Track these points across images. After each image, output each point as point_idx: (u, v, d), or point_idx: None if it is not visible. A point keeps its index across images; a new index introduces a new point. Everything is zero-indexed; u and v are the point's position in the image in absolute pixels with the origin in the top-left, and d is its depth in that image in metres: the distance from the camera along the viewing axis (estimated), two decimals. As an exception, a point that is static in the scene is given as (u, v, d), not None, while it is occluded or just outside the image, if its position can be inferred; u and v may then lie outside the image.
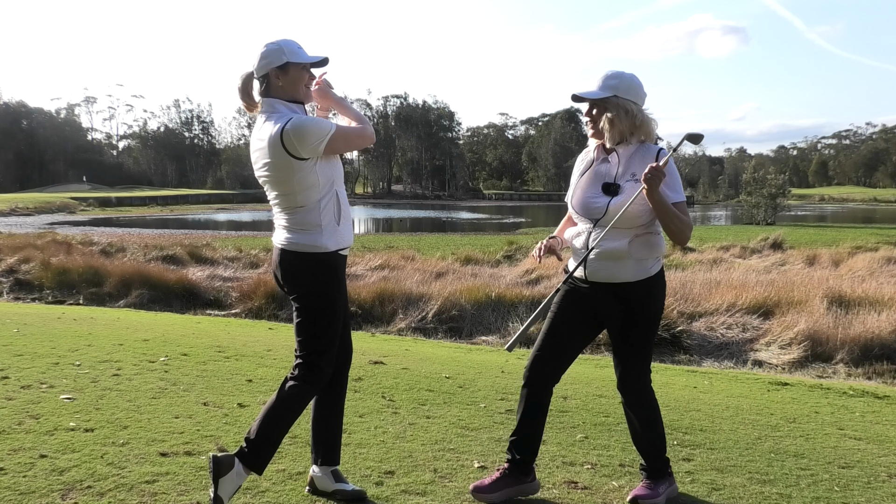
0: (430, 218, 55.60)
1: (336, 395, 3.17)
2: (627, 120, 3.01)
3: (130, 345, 6.40)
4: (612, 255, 3.02)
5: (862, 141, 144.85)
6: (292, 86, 2.96)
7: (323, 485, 3.12)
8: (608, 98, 3.01)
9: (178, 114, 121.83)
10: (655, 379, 6.07)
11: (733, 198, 77.44)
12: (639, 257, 3.02)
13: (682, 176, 16.98)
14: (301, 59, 2.94)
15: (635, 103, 3.02)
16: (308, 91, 3.03)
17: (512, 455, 3.18)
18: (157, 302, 12.58)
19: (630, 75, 3.06)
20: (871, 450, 4.10)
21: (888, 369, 8.14)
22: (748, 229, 34.69)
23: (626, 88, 3.01)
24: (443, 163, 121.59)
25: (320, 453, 3.14)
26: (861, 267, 15.66)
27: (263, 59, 2.93)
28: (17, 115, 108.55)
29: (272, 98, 2.97)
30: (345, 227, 3.00)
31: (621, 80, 3.02)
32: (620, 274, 3.03)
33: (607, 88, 3.02)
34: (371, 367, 5.79)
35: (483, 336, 10.18)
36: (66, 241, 19.81)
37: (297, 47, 2.95)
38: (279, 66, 2.92)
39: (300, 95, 2.99)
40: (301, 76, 2.96)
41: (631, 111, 3.00)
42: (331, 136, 2.87)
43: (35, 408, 4.21)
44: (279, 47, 2.91)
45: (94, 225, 40.32)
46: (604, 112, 3.03)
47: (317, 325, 2.95)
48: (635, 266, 3.03)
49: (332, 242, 2.96)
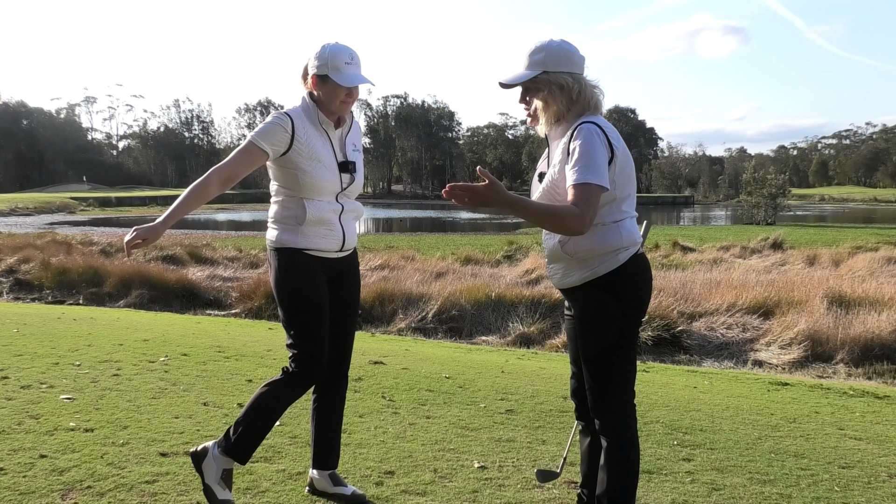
0: (430, 218, 55.58)
1: (331, 398, 3.15)
2: (563, 96, 2.54)
3: (130, 345, 6.40)
4: (552, 257, 2.65)
5: (862, 141, 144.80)
6: (327, 97, 2.92)
7: (322, 486, 3.13)
8: (537, 77, 2.55)
9: (177, 114, 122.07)
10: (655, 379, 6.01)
11: (733, 198, 77.43)
12: (581, 256, 2.55)
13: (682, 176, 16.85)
14: (340, 81, 2.86)
15: (570, 74, 2.55)
16: (344, 105, 2.94)
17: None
18: (157, 302, 12.58)
19: (558, 42, 2.58)
20: (871, 450, 4.10)
21: (888, 369, 8.13)
22: (748, 229, 34.68)
23: (554, 60, 2.54)
24: (443, 163, 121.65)
25: (317, 456, 3.14)
26: (861, 267, 15.65)
27: (312, 61, 2.91)
28: (17, 115, 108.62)
29: (306, 94, 2.97)
30: (313, 231, 2.93)
31: (548, 52, 2.55)
32: (565, 278, 2.62)
33: (534, 66, 2.56)
34: (371, 367, 5.79)
35: (483, 336, 10.18)
36: (66, 241, 19.82)
37: (345, 63, 2.87)
38: (319, 76, 2.89)
39: (334, 108, 2.94)
40: (337, 93, 2.89)
41: (566, 85, 2.53)
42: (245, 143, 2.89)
43: (35, 408, 4.21)
44: (325, 58, 2.87)
45: (94, 225, 40.32)
46: (535, 93, 2.59)
47: (285, 318, 2.98)
48: (579, 266, 2.57)
49: (291, 240, 2.92)
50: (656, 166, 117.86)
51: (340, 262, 3.08)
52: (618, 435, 2.57)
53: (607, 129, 2.50)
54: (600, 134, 2.46)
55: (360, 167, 3.11)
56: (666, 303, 9.78)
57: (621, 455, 2.57)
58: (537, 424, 4.34)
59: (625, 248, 2.55)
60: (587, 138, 2.43)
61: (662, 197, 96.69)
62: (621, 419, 2.59)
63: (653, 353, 8.81)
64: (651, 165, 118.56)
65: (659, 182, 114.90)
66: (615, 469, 2.57)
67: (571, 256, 2.55)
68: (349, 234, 3.06)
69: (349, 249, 3.10)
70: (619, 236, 2.53)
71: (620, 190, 2.53)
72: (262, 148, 2.86)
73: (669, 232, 31.60)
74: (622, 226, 2.55)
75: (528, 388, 5.35)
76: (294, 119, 2.90)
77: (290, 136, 2.87)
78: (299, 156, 2.88)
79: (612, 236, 2.52)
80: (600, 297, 2.54)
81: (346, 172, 3.00)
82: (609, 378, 2.57)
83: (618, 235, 2.53)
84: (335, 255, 3.03)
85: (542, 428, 4.27)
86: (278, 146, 2.87)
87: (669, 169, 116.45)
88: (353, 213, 3.09)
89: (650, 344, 9.00)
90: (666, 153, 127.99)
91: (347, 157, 3.03)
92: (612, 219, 2.54)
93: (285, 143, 2.87)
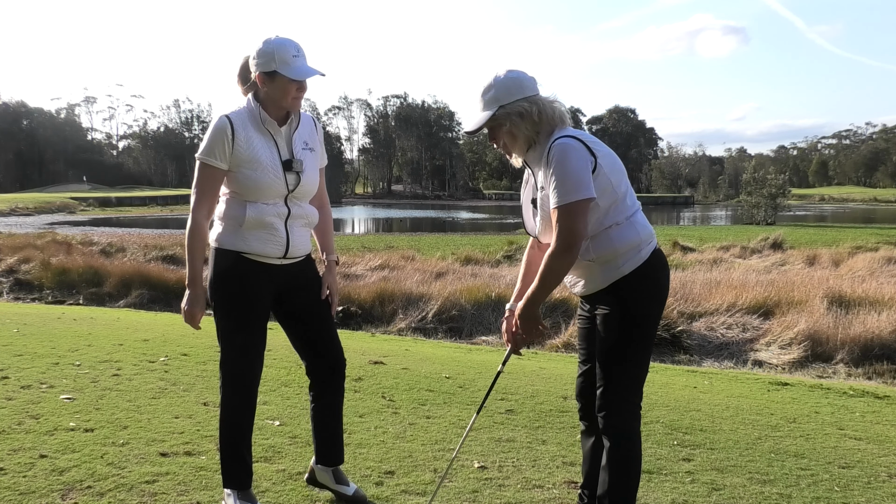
0: (430, 218, 55.60)
1: (330, 395, 3.11)
2: (525, 123, 2.57)
3: (130, 345, 6.40)
4: (574, 267, 2.63)
5: (862, 141, 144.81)
6: (277, 94, 2.79)
7: (323, 480, 3.13)
8: (495, 114, 2.58)
9: (177, 114, 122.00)
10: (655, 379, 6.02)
11: (733, 198, 77.42)
12: (604, 258, 2.57)
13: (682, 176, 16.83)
14: (289, 75, 2.74)
15: (525, 99, 2.57)
16: (296, 101, 2.83)
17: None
18: (157, 302, 12.59)
19: (504, 74, 2.61)
20: (871, 450, 4.10)
21: (888, 369, 8.14)
22: (748, 229, 34.69)
23: (505, 92, 2.57)
24: (443, 163, 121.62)
25: (319, 453, 3.14)
26: (861, 267, 15.67)
27: (255, 59, 2.78)
28: (17, 115, 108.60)
29: (250, 95, 2.86)
30: (252, 234, 2.83)
31: (497, 87, 2.59)
32: (590, 284, 2.65)
33: (489, 104, 2.59)
34: (371, 367, 5.79)
35: (483, 336, 10.19)
36: (66, 241, 19.83)
37: (292, 56, 2.75)
38: (267, 73, 2.76)
39: (286, 104, 2.82)
40: (288, 88, 2.77)
41: (524, 111, 2.56)
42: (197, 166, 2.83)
43: (35, 408, 4.21)
44: (271, 53, 2.73)
45: (94, 225, 40.32)
46: (499, 129, 2.62)
47: (215, 319, 2.93)
48: (602, 270, 2.59)
49: (229, 241, 2.84)
50: (656, 166, 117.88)
51: (291, 273, 2.95)
52: (621, 434, 2.58)
53: (581, 136, 2.54)
54: (575, 145, 2.49)
55: (310, 166, 2.94)
56: (666, 303, 9.77)
57: (623, 455, 2.58)
58: (537, 424, 4.34)
59: (645, 242, 2.60)
60: (559, 158, 2.47)
61: (662, 197, 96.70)
62: (626, 419, 2.59)
63: (653, 353, 8.80)
64: (651, 165, 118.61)
65: (659, 182, 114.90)
66: (617, 469, 2.57)
67: (595, 262, 2.58)
68: (295, 241, 2.91)
69: (296, 257, 2.96)
70: (635, 232, 2.57)
71: (617, 187, 2.56)
72: (216, 165, 2.78)
73: (669, 232, 31.60)
74: (635, 221, 2.59)
75: (528, 388, 5.34)
76: (234, 122, 2.79)
77: (231, 140, 2.77)
78: (239, 159, 2.78)
79: (629, 233, 2.56)
80: (626, 295, 2.57)
81: (290, 171, 2.85)
82: (622, 376, 2.59)
83: (634, 231, 2.57)
84: (278, 261, 2.89)
85: (542, 428, 4.27)
86: (227, 153, 2.78)
87: (669, 169, 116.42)
88: (302, 220, 2.94)
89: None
90: (666, 153, 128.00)
91: (295, 155, 2.88)
92: (624, 216, 2.57)
93: (229, 149, 2.78)
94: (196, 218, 2.82)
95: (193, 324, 2.89)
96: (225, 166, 2.80)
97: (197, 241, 2.82)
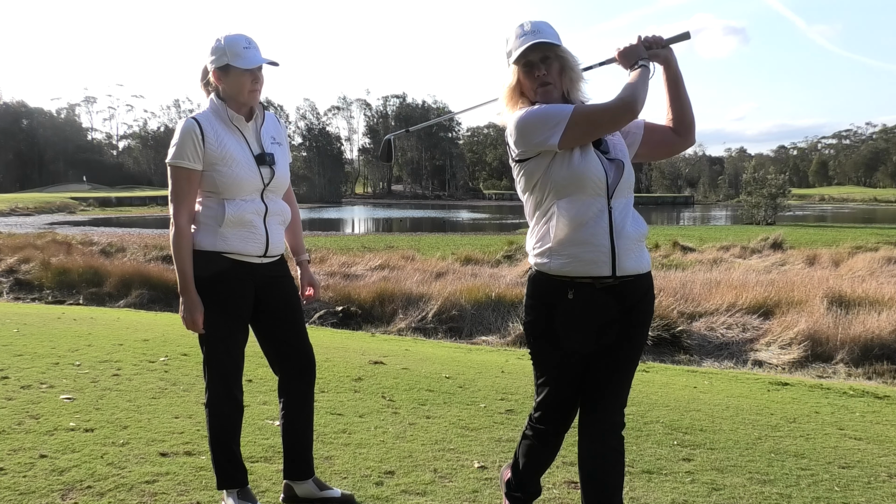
0: (430, 218, 55.61)
1: (296, 404, 3.07)
2: (575, 72, 2.48)
3: (130, 345, 6.40)
4: (642, 236, 2.47)
5: (862, 141, 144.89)
6: (234, 88, 2.81)
7: (307, 493, 3.04)
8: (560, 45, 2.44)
9: (178, 114, 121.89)
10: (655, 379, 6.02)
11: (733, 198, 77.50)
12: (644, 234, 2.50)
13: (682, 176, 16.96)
14: (240, 65, 2.75)
15: None
16: (253, 94, 2.84)
17: None
18: (157, 302, 12.58)
19: None
20: (871, 450, 4.10)
21: (888, 369, 8.14)
22: (748, 229, 34.68)
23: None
24: (443, 163, 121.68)
25: (295, 469, 3.04)
26: (861, 267, 15.66)
27: (210, 57, 2.81)
28: (18, 115, 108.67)
29: (212, 95, 2.87)
30: (232, 232, 2.83)
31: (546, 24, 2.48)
32: (642, 258, 2.46)
33: (555, 36, 2.45)
34: (371, 367, 5.79)
35: (483, 336, 10.18)
36: (66, 241, 19.83)
37: (243, 48, 2.76)
38: (220, 68, 2.79)
39: (243, 98, 2.83)
40: (242, 81, 2.79)
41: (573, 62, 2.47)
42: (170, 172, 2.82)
43: (35, 408, 4.21)
44: (223, 48, 2.76)
45: (94, 225, 40.33)
46: (556, 63, 2.45)
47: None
48: (643, 248, 2.50)
49: (208, 242, 2.83)
50: (656, 166, 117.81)
51: (268, 271, 2.95)
52: (620, 433, 2.59)
53: None
54: None
55: (281, 160, 2.96)
56: (666, 303, 9.78)
57: (622, 452, 2.59)
58: (537, 424, 4.33)
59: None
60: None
61: (662, 197, 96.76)
62: (623, 416, 2.61)
63: (653, 353, 8.81)
64: (651, 165, 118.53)
65: (659, 182, 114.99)
66: (620, 468, 2.59)
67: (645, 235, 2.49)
68: (273, 239, 2.92)
69: (274, 256, 2.97)
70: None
71: None
72: (188, 167, 2.79)
73: (669, 232, 31.60)
74: None
75: (528, 388, 5.34)
76: (202, 122, 2.80)
77: (202, 139, 2.78)
78: (212, 157, 2.79)
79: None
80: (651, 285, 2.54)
81: (264, 165, 2.88)
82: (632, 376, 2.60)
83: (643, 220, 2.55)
84: (258, 260, 2.90)
85: (542, 428, 4.26)
86: (199, 153, 2.79)
87: (669, 169, 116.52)
88: (278, 217, 2.96)
89: (650, 344, 8.99)
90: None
91: (265, 149, 2.90)
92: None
93: (201, 149, 2.79)
94: (179, 223, 2.81)
95: (196, 329, 2.88)
96: (199, 166, 2.80)
97: (184, 247, 2.81)
